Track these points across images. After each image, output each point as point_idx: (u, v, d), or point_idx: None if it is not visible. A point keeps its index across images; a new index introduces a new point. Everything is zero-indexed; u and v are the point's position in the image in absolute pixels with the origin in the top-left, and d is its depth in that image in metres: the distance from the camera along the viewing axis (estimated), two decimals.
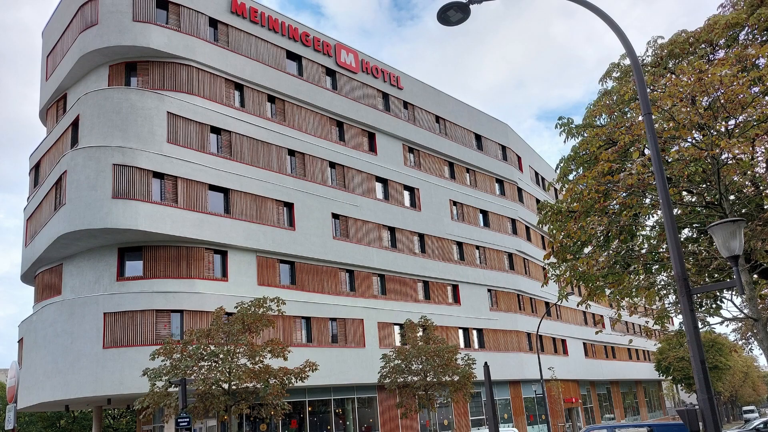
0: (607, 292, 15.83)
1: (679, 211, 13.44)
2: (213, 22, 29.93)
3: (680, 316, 11.32)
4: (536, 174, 56.18)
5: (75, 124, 27.06)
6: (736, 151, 11.48)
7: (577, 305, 15.90)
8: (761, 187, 13.45)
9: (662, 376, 59.40)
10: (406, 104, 39.87)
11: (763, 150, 13.41)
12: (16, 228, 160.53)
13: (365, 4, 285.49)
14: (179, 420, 18.88)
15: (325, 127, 34.18)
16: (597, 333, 23.28)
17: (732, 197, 13.34)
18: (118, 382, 23.93)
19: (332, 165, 34.04)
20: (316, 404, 30.64)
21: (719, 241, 7.91)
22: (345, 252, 32.74)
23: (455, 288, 39.99)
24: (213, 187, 27.96)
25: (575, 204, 14.12)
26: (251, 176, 29.37)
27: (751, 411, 66.99)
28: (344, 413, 31.91)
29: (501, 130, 48.98)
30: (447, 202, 41.04)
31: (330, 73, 35.32)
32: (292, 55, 33.34)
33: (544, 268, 46.91)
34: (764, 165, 13.85)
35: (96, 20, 27.48)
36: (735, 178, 12.67)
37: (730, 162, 12.09)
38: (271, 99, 31.81)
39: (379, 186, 36.77)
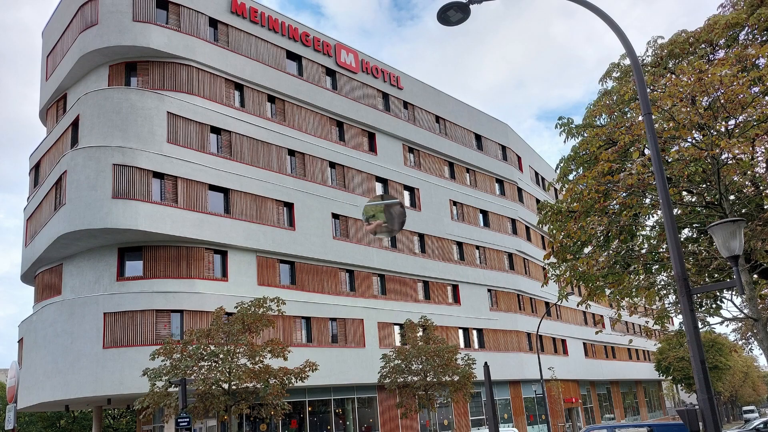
0: (607, 292, 15.81)
1: (679, 211, 13.43)
2: (213, 22, 29.93)
3: (680, 316, 11.31)
4: (536, 174, 56.17)
5: (75, 124, 27.06)
6: (736, 151, 11.47)
7: (577, 305, 15.89)
8: (761, 187, 13.44)
9: (662, 376, 59.41)
10: (406, 104, 39.87)
11: (763, 150, 13.41)
12: (16, 228, 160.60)
13: (365, 4, 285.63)
14: (179, 420, 18.88)
15: (325, 127, 34.18)
16: (597, 333, 23.27)
17: (732, 197, 13.33)
18: (118, 382, 23.94)
19: (332, 165, 34.04)
20: (316, 404, 30.64)
21: (719, 241, 7.90)
22: (345, 252, 32.74)
23: (455, 288, 39.99)
24: (213, 187, 27.96)
25: (575, 204, 14.11)
26: (251, 176, 29.38)
27: (751, 411, 66.95)
28: (344, 413, 31.91)
29: (501, 130, 48.98)
30: (447, 202, 41.03)
31: (330, 73, 35.32)
32: (292, 55, 33.35)
33: (544, 268, 46.89)
34: (764, 165, 13.84)
35: (96, 20, 27.49)
36: (735, 178, 12.66)
37: (730, 162, 12.09)
38: (271, 99, 31.81)
39: (379, 186, 36.75)
